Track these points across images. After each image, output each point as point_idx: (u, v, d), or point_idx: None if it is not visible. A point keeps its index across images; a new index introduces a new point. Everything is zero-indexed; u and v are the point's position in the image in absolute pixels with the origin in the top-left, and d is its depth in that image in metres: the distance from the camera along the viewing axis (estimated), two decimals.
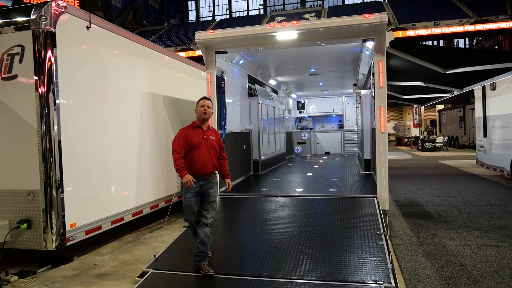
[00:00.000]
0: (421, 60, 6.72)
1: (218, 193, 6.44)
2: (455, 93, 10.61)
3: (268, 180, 8.19)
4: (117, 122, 5.63)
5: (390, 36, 5.65)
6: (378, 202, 5.72)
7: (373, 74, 6.23)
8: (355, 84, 12.37)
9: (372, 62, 6.47)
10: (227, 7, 39.44)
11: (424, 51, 6.69)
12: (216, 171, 4.29)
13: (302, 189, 6.81)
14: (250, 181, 8.22)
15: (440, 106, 33.45)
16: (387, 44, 5.71)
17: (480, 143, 11.84)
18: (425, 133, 31.42)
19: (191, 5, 40.89)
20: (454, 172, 12.86)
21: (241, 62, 8.33)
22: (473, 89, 11.04)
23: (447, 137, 26.04)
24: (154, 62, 6.78)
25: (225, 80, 7.17)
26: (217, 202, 4.40)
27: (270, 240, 4.54)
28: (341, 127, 16.56)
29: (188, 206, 4.05)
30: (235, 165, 7.57)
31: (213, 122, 6.56)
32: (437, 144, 23.91)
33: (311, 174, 8.96)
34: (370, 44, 6.75)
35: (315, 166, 10.99)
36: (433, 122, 39.51)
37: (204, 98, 4.29)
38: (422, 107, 31.58)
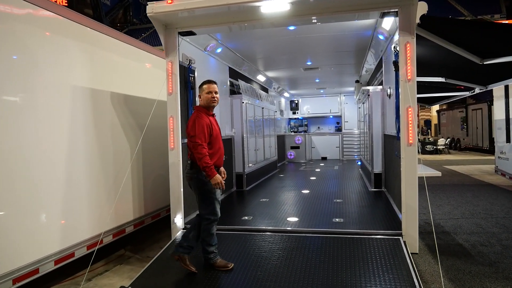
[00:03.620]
0: (455, 46, 5.04)
1: (183, 226, 4.83)
2: (477, 91, 9.00)
3: (253, 201, 6.44)
4: (30, 128, 3.87)
5: (423, 8, 3.95)
6: (405, 242, 4.04)
7: (395, 63, 4.54)
8: (357, 81, 10.72)
9: (393, 47, 4.80)
10: None
11: (464, 32, 4.99)
12: None
13: (297, 219, 5.07)
14: (231, 203, 6.48)
15: (435, 106, 32.11)
16: (417, 20, 4.02)
17: (502, 149, 10.25)
18: (420, 134, 30.06)
19: None
20: (469, 182, 11.28)
21: (219, 50, 6.58)
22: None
23: (449, 139, 24.59)
24: (98, 47, 5.01)
25: (195, 72, 5.42)
26: None
27: None
28: (339, 129, 14.92)
29: (218, 200, 3.67)
30: None
31: (175, 129, 4.82)
32: (439, 147, 22.42)
33: (307, 191, 7.23)
34: (387, 24, 5.08)
35: (311, 178, 9.27)
36: (426, 122, 38.40)
37: (210, 81, 3.79)
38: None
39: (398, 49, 4.32)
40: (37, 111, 3.95)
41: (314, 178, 9.19)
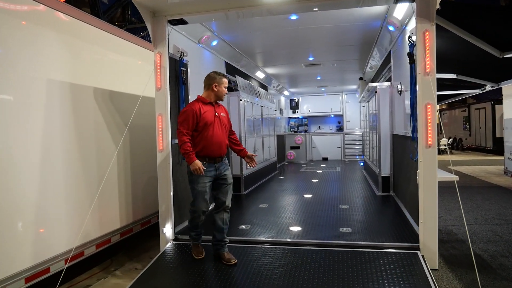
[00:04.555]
0: (474, 37, 4.56)
1: (174, 236, 4.34)
2: (487, 88, 8.55)
3: (252, 207, 5.95)
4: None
5: None
6: (423, 257, 3.56)
7: (410, 54, 4.06)
8: (361, 78, 10.25)
9: (407, 37, 4.31)
10: None
11: (488, 21, 4.51)
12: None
13: (300, 228, 4.58)
14: None
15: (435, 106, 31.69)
16: (437, 6, 3.53)
17: (511, 150, 9.80)
18: None
19: None
20: (476, 184, 10.81)
21: (214, 43, 6.08)
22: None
23: (451, 139, 24.17)
24: (79, 38, 4.51)
25: (188, 66, 4.93)
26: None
27: None
28: (340, 129, 14.45)
29: (202, 193, 3.61)
30: None
31: (164, 129, 4.33)
32: (441, 147, 21.97)
33: (310, 196, 6.74)
34: (399, 12, 4.60)
35: (313, 180, 8.79)
36: None
37: (226, 76, 3.87)
38: None
39: (414, 39, 3.85)
40: (6, 108, 3.45)
41: (316, 180, 8.71)
